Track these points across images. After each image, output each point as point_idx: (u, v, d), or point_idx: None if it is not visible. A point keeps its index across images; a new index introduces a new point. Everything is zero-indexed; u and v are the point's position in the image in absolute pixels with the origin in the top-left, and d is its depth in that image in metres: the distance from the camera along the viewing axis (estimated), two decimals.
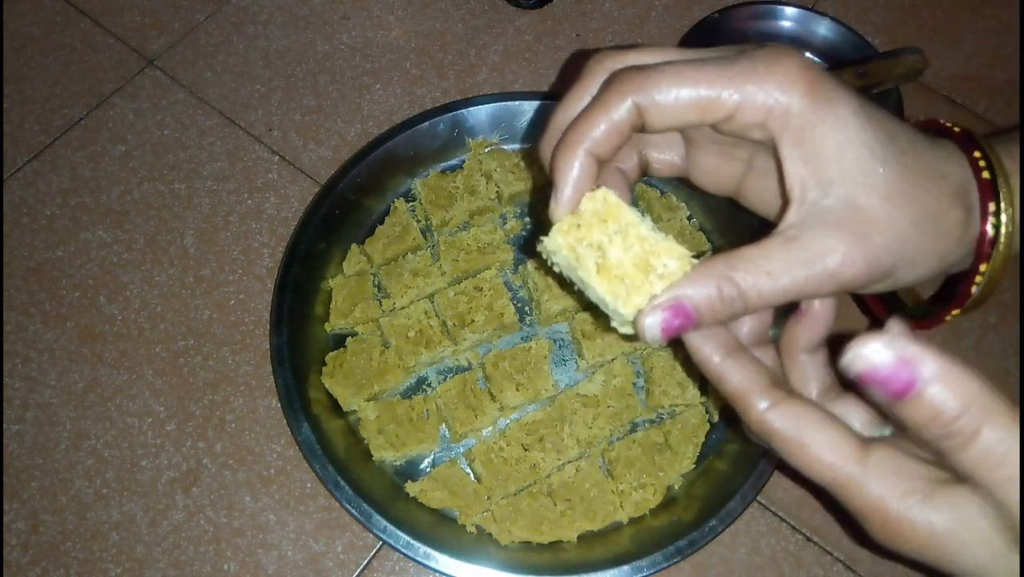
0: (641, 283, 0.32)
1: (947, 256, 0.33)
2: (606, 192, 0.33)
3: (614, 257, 0.32)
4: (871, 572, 0.53)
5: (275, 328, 0.56)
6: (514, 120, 0.65)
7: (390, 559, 0.53)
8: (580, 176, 0.34)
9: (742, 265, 0.31)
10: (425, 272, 0.60)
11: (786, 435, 0.31)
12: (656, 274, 0.32)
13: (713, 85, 0.32)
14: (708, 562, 0.53)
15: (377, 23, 0.74)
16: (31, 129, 0.68)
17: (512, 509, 0.53)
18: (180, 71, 0.71)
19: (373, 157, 0.62)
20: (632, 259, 0.32)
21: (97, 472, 0.55)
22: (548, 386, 0.56)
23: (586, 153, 0.33)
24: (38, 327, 0.60)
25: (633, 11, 0.75)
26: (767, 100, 0.31)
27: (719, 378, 0.33)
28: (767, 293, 0.31)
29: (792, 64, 0.32)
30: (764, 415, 0.31)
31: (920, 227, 0.32)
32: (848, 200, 0.31)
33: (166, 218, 0.65)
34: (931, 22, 0.75)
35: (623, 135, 0.33)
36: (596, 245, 0.33)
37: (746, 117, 0.32)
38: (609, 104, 0.33)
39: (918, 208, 0.32)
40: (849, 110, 0.32)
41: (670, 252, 0.32)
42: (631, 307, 0.32)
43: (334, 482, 0.51)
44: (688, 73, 0.32)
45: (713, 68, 0.32)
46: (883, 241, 0.31)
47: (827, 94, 0.32)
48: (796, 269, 0.31)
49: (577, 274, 0.34)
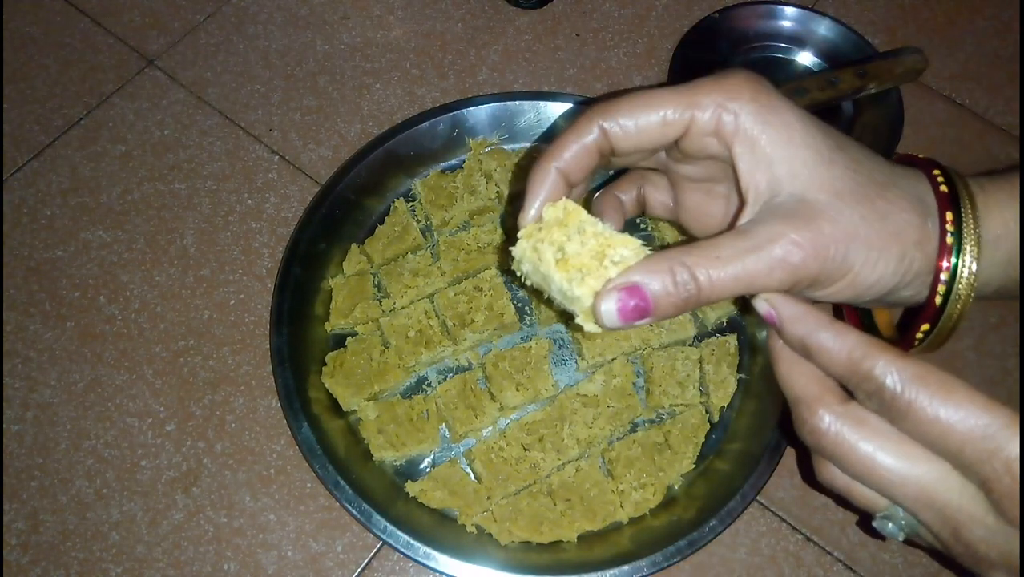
0: (596, 269, 0.34)
1: (906, 255, 0.34)
2: (566, 201, 0.37)
3: (571, 251, 0.35)
4: (871, 572, 0.53)
5: (275, 328, 0.56)
6: (514, 120, 0.65)
7: (390, 559, 0.53)
8: (548, 188, 0.37)
9: (695, 251, 0.33)
10: (425, 272, 0.60)
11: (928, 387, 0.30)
12: (611, 260, 0.34)
13: (667, 103, 0.35)
14: (708, 562, 0.53)
15: (377, 23, 0.74)
16: (31, 129, 0.68)
17: (512, 509, 0.53)
18: (180, 71, 0.71)
19: (373, 157, 0.62)
20: (588, 252, 0.35)
21: (97, 472, 0.55)
22: (548, 386, 0.56)
23: (556, 170, 0.37)
24: (38, 327, 0.60)
25: (633, 11, 0.75)
26: (716, 110, 0.34)
27: (836, 338, 0.32)
28: (717, 279, 0.32)
29: (739, 77, 0.35)
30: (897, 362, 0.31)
31: (870, 223, 0.33)
32: (797, 196, 0.33)
33: (166, 218, 0.65)
34: (931, 22, 0.75)
35: (591, 155, 0.37)
36: (557, 245, 0.36)
37: (700, 128, 0.35)
38: (579, 128, 0.37)
39: (867, 205, 0.33)
40: (794, 116, 0.34)
41: (624, 243, 0.35)
42: (586, 288, 0.34)
43: (334, 482, 0.51)
44: (646, 96, 0.36)
45: (669, 90, 0.36)
46: (831, 230, 0.32)
47: (772, 102, 0.34)
48: (745, 255, 0.32)
49: (540, 272, 0.36)
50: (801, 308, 0.33)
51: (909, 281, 0.35)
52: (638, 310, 0.32)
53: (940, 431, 0.29)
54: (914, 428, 0.30)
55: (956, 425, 0.29)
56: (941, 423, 0.29)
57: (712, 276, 0.32)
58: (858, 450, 0.31)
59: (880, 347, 0.31)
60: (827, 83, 0.63)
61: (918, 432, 0.30)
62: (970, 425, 0.29)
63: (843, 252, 0.32)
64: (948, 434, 0.29)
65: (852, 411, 0.32)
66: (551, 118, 0.65)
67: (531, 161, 0.59)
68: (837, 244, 0.32)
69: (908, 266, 0.34)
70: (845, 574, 0.53)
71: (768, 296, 0.34)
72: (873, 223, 0.33)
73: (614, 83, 0.71)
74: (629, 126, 0.36)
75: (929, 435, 0.30)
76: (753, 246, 0.32)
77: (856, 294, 0.34)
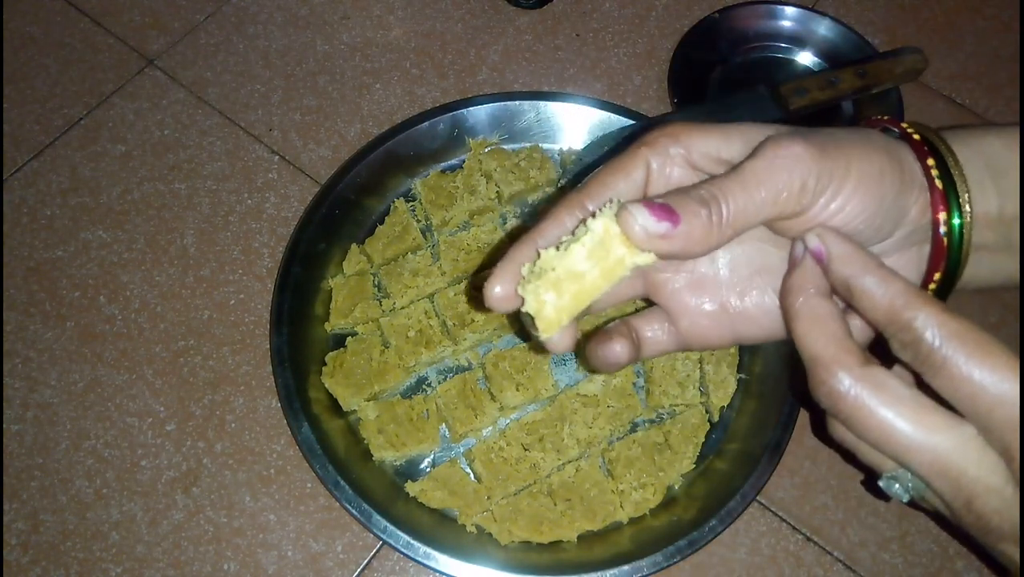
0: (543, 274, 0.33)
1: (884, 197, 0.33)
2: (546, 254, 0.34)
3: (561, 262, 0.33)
4: (871, 572, 0.53)
5: (275, 328, 0.56)
6: (514, 120, 0.65)
7: (390, 559, 0.53)
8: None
9: (711, 181, 0.33)
10: (425, 272, 0.60)
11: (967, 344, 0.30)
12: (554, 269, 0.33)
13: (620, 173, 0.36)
14: (708, 562, 0.53)
15: (377, 23, 0.74)
16: (31, 129, 0.68)
17: (512, 509, 0.53)
18: (180, 71, 0.71)
19: (373, 157, 0.63)
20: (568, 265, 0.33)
21: (97, 472, 0.55)
22: (548, 386, 0.56)
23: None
24: (38, 327, 0.60)
25: (633, 11, 0.75)
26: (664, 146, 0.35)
27: (882, 282, 0.32)
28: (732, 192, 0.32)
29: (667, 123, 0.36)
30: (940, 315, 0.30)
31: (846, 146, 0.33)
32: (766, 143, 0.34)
33: (166, 218, 0.65)
34: (931, 22, 0.75)
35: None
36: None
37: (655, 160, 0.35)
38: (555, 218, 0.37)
39: (838, 138, 0.33)
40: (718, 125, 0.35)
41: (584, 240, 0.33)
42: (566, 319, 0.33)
43: (334, 482, 0.51)
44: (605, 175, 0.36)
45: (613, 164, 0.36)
46: (819, 139, 0.33)
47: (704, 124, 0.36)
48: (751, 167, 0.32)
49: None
50: (851, 247, 0.33)
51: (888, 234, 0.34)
52: (664, 211, 0.32)
53: (971, 391, 0.29)
54: (945, 385, 0.30)
55: (988, 388, 0.29)
56: (974, 383, 0.29)
57: (727, 190, 0.32)
58: (877, 415, 0.31)
59: (924, 299, 0.30)
60: (827, 83, 0.63)
61: (949, 389, 0.30)
62: (1003, 389, 0.28)
63: (838, 161, 0.33)
64: (978, 395, 0.29)
65: (872, 374, 0.31)
66: (551, 118, 0.65)
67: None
68: (830, 152, 0.33)
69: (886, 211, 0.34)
70: (845, 574, 0.53)
71: (821, 232, 0.33)
72: (850, 147, 0.33)
73: (614, 83, 0.71)
74: (605, 193, 0.36)
75: (959, 393, 0.30)
76: (753, 163, 0.33)
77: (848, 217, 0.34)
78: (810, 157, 0.32)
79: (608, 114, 0.64)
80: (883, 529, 0.54)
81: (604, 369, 0.38)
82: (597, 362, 0.38)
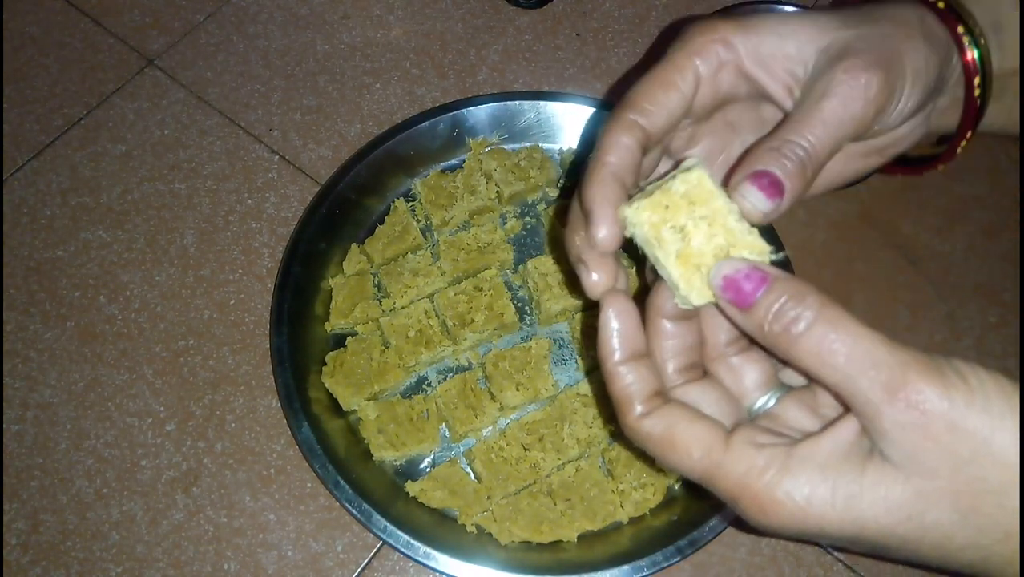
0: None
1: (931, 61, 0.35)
2: (701, 175, 0.32)
3: (696, 245, 0.32)
4: (871, 572, 0.53)
5: (275, 328, 0.56)
6: (514, 120, 0.65)
7: (390, 559, 0.53)
8: (612, 198, 0.33)
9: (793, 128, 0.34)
10: (425, 272, 0.60)
11: (656, 437, 0.31)
12: None
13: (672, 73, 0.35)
14: (708, 562, 0.53)
15: (377, 23, 0.74)
16: (31, 129, 0.68)
17: (512, 509, 0.53)
18: (180, 71, 0.71)
19: (373, 157, 0.62)
20: (713, 249, 0.32)
21: (97, 472, 0.55)
22: (548, 386, 0.56)
23: (612, 177, 0.34)
24: (38, 327, 0.60)
25: (633, 11, 0.75)
26: (712, 49, 0.35)
27: (609, 379, 0.33)
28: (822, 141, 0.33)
29: (700, 24, 0.36)
30: (638, 420, 0.32)
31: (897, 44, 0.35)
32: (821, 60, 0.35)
33: (166, 218, 0.65)
34: None
35: (635, 153, 0.34)
36: (680, 228, 0.32)
37: (710, 73, 0.35)
38: (614, 130, 0.35)
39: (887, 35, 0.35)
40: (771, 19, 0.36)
41: (751, 247, 0.32)
42: (700, 299, 0.32)
43: (334, 482, 0.51)
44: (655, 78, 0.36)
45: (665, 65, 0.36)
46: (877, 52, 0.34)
47: (746, 21, 0.35)
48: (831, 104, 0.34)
49: (652, 252, 0.33)
50: (606, 335, 0.33)
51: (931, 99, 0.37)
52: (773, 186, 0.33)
53: (682, 474, 0.32)
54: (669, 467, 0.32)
55: (686, 472, 0.32)
56: (678, 470, 0.32)
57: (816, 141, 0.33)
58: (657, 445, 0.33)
59: (629, 403, 0.32)
60: None
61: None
62: (693, 471, 0.31)
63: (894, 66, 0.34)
64: (685, 475, 0.32)
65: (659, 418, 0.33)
66: (551, 118, 0.65)
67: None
68: (883, 58, 0.34)
69: (931, 93, 0.36)
70: (845, 574, 0.53)
71: (607, 301, 0.33)
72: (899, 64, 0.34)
73: (614, 83, 0.71)
74: (658, 111, 0.35)
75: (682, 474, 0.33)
76: (829, 103, 0.33)
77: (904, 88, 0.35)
78: (880, 82, 0.33)
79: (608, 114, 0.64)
80: None
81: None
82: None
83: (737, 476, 0.30)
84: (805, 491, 0.29)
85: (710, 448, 0.30)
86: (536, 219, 0.64)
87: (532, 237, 0.63)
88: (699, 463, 0.30)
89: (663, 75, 0.35)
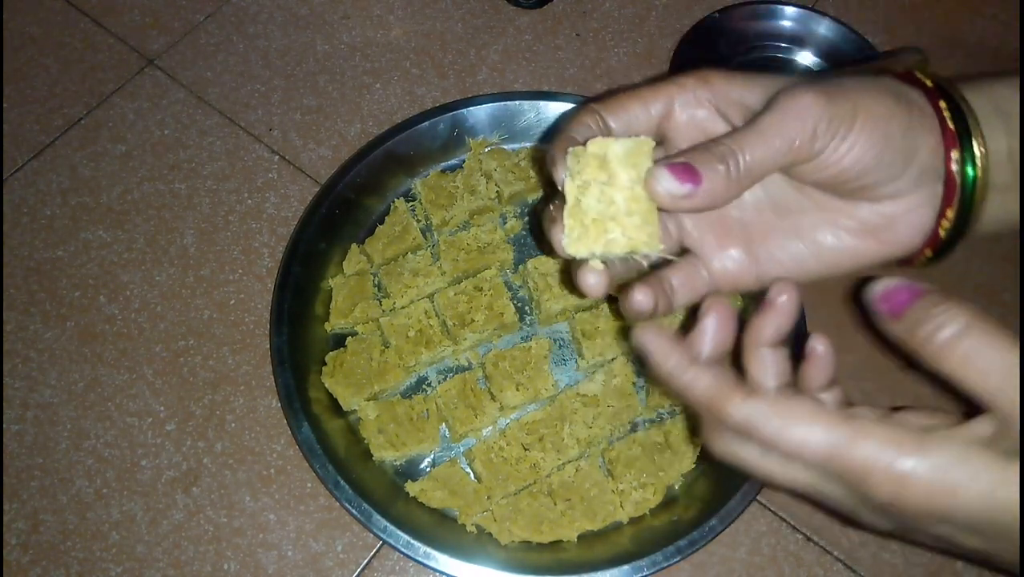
0: (596, 236, 0.34)
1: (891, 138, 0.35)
2: (643, 143, 0.35)
3: (585, 204, 0.34)
4: (871, 572, 0.53)
5: (275, 328, 0.56)
6: (514, 120, 0.65)
7: (390, 559, 0.53)
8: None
9: (728, 134, 0.35)
10: (425, 272, 0.60)
11: (771, 419, 0.32)
12: (613, 232, 0.34)
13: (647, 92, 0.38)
14: (708, 562, 0.53)
15: (377, 23, 0.74)
16: (31, 129, 0.68)
17: (512, 509, 0.53)
18: (180, 71, 0.71)
19: (373, 157, 0.62)
20: (597, 213, 0.34)
21: (97, 472, 0.55)
22: (548, 386, 0.56)
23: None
24: (38, 327, 0.60)
25: (633, 11, 0.75)
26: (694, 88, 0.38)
27: (688, 386, 0.34)
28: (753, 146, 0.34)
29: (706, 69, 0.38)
30: (745, 403, 0.32)
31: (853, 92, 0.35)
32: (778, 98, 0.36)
33: (166, 218, 0.65)
34: (931, 22, 0.75)
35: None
36: (586, 184, 0.35)
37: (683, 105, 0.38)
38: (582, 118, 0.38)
39: (846, 85, 0.35)
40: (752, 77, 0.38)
41: (636, 229, 0.34)
42: (573, 250, 0.35)
43: (334, 482, 0.51)
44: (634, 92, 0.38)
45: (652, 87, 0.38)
46: (828, 87, 0.35)
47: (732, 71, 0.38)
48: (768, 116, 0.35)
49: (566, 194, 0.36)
50: (664, 350, 0.35)
51: (900, 172, 0.36)
52: (691, 195, 0.34)
53: (793, 455, 0.32)
54: (780, 449, 0.32)
55: (802, 450, 0.31)
56: (790, 450, 0.31)
57: (744, 142, 0.34)
58: (754, 466, 0.34)
59: (727, 390, 0.33)
60: None
61: (783, 452, 0.32)
62: (814, 448, 0.31)
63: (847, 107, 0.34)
64: (800, 457, 0.32)
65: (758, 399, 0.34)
66: (551, 118, 0.65)
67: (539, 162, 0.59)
68: (836, 100, 0.34)
69: (895, 150, 0.35)
70: (845, 574, 0.53)
71: (640, 334, 0.35)
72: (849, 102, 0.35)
73: (614, 83, 0.71)
74: (622, 114, 0.38)
75: (789, 458, 0.32)
76: (768, 115, 0.35)
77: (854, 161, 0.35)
78: (818, 105, 0.34)
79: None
80: None
81: (636, 319, 0.39)
82: (626, 313, 0.39)
83: (869, 451, 0.30)
84: (947, 470, 0.29)
85: (833, 425, 0.31)
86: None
87: (532, 237, 0.63)
88: (824, 439, 0.30)
89: (641, 91, 0.38)
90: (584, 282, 0.37)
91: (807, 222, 0.39)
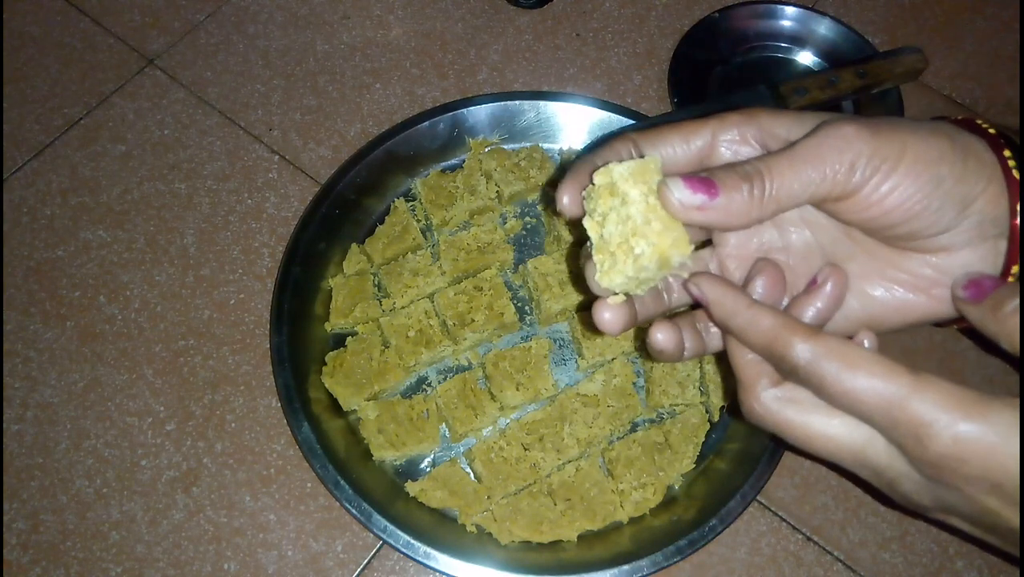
0: (625, 258, 0.33)
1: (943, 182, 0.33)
2: (649, 161, 0.34)
3: (607, 233, 0.34)
4: (871, 572, 0.53)
5: (275, 328, 0.56)
6: (514, 120, 0.65)
7: (390, 559, 0.53)
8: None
9: (759, 157, 0.34)
10: (425, 272, 0.60)
11: (834, 360, 0.31)
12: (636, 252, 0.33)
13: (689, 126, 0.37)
14: (708, 562, 0.53)
15: (377, 23, 0.74)
16: (31, 129, 0.68)
17: (512, 509, 0.53)
18: (180, 71, 0.71)
19: (373, 157, 0.63)
20: (620, 235, 0.34)
21: (97, 472, 0.55)
22: (548, 386, 0.56)
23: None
24: (38, 327, 0.60)
25: (633, 11, 0.75)
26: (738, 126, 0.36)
27: (751, 323, 0.33)
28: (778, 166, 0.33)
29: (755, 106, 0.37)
30: (811, 341, 0.31)
31: (904, 131, 0.33)
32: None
33: (166, 218, 0.65)
34: (931, 22, 0.75)
35: None
36: (604, 215, 0.34)
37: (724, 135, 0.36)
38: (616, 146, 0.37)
39: (898, 124, 0.34)
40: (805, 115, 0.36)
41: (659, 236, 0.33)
42: (607, 283, 0.34)
43: (334, 482, 0.51)
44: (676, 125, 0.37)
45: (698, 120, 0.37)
46: (876, 122, 0.33)
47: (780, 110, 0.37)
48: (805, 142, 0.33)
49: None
50: (723, 290, 0.34)
51: (953, 222, 0.34)
52: (702, 184, 0.33)
53: (851, 402, 0.31)
54: (832, 400, 0.31)
55: (863, 396, 0.30)
56: (850, 395, 0.30)
57: (772, 165, 0.33)
58: (794, 426, 0.33)
59: (792, 328, 0.32)
60: (827, 83, 0.63)
61: (835, 404, 0.32)
62: (875, 395, 0.30)
63: (896, 148, 0.33)
64: (858, 404, 0.31)
65: (785, 391, 0.33)
66: (551, 118, 0.65)
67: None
68: (888, 140, 0.33)
69: (947, 195, 0.33)
70: (845, 574, 0.53)
71: (696, 278, 0.35)
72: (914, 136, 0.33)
73: (614, 83, 0.71)
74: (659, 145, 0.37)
75: (844, 406, 0.31)
76: (804, 141, 0.33)
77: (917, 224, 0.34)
78: (861, 138, 0.32)
79: (608, 114, 0.64)
80: (883, 529, 0.54)
81: (661, 359, 0.39)
82: (652, 352, 0.38)
83: (932, 406, 0.29)
84: (1010, 436, 0.28)
85: (899, 373, 0.30)
86: (536, 219, 0.64)
87: (532, 237, 0.63)
88: (886, 388, 0.30)
89: (684, 125, 0.37)
90: (599, 318, 0.36)
91: (855, 269, 0.37)
